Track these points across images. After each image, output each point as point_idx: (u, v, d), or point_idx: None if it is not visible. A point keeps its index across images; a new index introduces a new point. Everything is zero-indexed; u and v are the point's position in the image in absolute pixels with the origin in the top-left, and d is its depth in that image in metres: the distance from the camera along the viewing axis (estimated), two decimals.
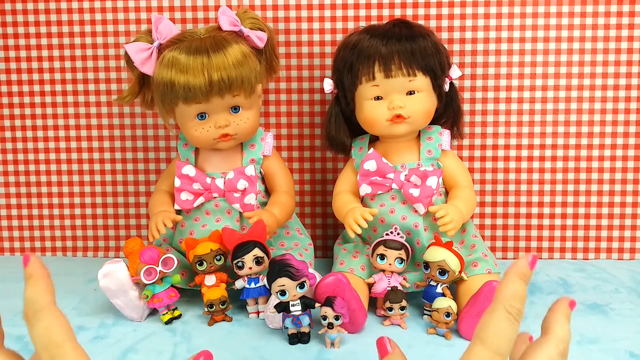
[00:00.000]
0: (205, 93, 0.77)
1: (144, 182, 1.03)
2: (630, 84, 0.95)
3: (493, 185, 0.99)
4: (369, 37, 0.79)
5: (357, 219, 0.77)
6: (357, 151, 0.87)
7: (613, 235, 0.99)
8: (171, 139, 1.01)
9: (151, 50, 0.81)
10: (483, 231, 1.01)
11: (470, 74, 0.96)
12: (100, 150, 1.02)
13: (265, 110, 0.99)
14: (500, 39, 0.95)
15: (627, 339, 0.70)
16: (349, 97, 0.83)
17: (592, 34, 0.94)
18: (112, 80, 1.00)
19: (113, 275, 0.75)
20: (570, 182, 0.98)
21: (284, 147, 1.01)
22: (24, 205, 1.05)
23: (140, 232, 1.04)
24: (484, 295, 0.68)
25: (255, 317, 0.78)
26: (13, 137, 1.03)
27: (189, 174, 0.83)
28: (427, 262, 0.74)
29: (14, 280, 0.93)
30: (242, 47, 0.79)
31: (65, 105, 1.01)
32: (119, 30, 0.98)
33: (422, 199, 0.79)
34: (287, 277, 0.68)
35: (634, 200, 0.98)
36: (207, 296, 0.76)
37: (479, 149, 0.98)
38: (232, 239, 0.77)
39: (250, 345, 0.70)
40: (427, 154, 0.83)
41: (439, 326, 0.71)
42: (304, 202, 1.02)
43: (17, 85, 1.01)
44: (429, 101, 0.81)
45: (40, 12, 0.99)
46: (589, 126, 0.97)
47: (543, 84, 0.96)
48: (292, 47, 0.97)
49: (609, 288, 0.87)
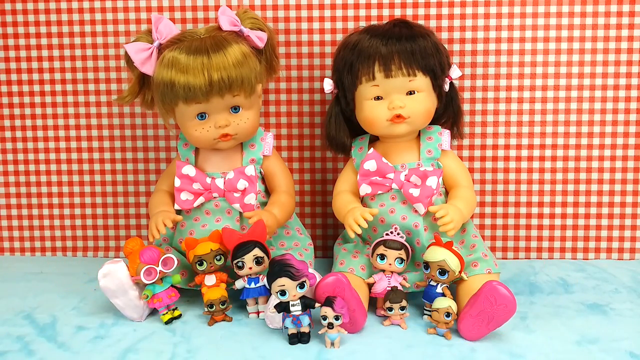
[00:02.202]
0: (205, 93, 0.77)
1: (144, 182, 1.03)
2: (630, 84, 0.95)
3: (493, 185, 0.99)
4: (369, 37, 0.79)
5: (357, 219, 0.77)
6: (357, 151, 0.87)
7: (613, 235, 0.99)
8: (171, 139, 1.01)
9: (151, 50, 0.81)
10: (483, 231, 1.01)
11: (470, 74, 0.96)
12: (100, 150, 1.02)
13: (265, 110, 0.99)
14: (500, 39, 0.95)
15: (627, 339, 0.70)
16: (349, 97, 0.83)
17: (592, 34, 0.94)
18: (112, 80, 1.00)
19: (113, 275, 0.75)
20: (570, 182, 0.98)
21: (284, 147, 1.01)
22: (24, 205, 1.05)
23: (140, 232, 1.04)
24: (484, 295, 0.68)
25: (255, 317, 0.78)
26: (13, 137, 1.03)
27: (189, 174, 0.83)
28: (427, 262, 0.74)
29: (14, 280, 0.93)
30: (242, 47, 0.79)
31: (65, 105, 1.01)
32: (119, 30, 0.98)
33: (422, 199, 0.79)
34: (287, 277, 0.68)
35: (634, 200, 0.98)
36: (207, 296, 0.76)
37: (479, 149, 0.98)
38: (232, 239, 0.77)
39: (250, 345, 0.70)
40: (427, 154, 0.83)
41: (439, 326, 0.71)
42: (304, 202, 1.02)
43: (17, 85, 1.01)
44: (429, 101, 0.81)
45: (40, 12, 0.99)
46: (589, 126, 0.97)
47: (543, 84, 0.96)
48: (292, 47, 0.97)
49: (609, 288, 0.87)
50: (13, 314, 0.81)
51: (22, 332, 0.75)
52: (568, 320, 0.76)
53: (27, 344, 0.72)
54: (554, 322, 0.75)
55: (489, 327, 0.69)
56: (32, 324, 0.77)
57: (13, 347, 0.71)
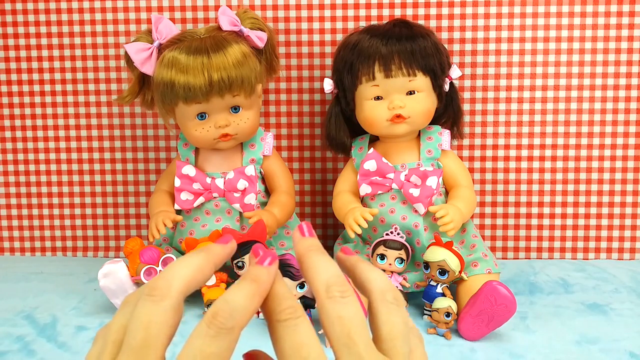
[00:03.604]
0: (205, 93, 0.77)
1: (144, 182, 1.03)
2: (630, 84, 0.95)
3: (493, 185, 0.99)
4: (369, 37, 0.79)
5: (357, 219, 0.77)
6: (357, 151, 0.87)
7: (613, 235, 0.99)
8: (171, 139, 1.01)
9: (151, 50, 0.81)
10: (483, 231, 1.01)
11: (470, 74, 0.96)
12: (100, 150, 1.02)
13: (265, 110, 0.99)
14: (500, 39, 0.95)
15: (627, 339, 0.70)
16: (349, 97, 0.83)
17: (592, 34, 0.94)
18: (112, 80, 1.00)
19: (113, 275, 0.75)
20: (570, 182, 0.98)
21: (284, 147, 1.01)
22: (24, 205, 1.05)
23: (140, 232, 1.04)
24: (484, 295, 0.68)
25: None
26: (13, 137, 1.03)
27: (189, 174, 0.83)
28: (427, 262, 0.74)
29: (14, 280, 0.93)
30: (242, 47, 0.79)
31: (65, 105, 1.01)
32: (119, 30, 0.98)
33: (422, 199, 0.79)
34: (287, 277, 0.68)
35: (634, 200, 0.98)
36: (207, 296, 0.76)
37: (479, 149, 0.98)
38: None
39: (251, 345, 0.70)
40: (427, 153, 0.83)
41: (439, 326, 0.71)
42: (304, 202, 1.02)
43: (17, 85, 1.01)
44: (429, 101, 0.81)
45: (40, 12, 0.99)
46: (589, 126, 0.97)
47: (543, 84, 0.96)
48: (292, 47, 0.97)
49: (609, 288, 0.87)
50: (13, 314, 0.81)
51: (22, 332, 0.75)
52: (568, 320, 0.76)
53: (27, 344, 0.72)
54: (554, 322, 0.75)
55: (489, 327, 0.69)
56: (32, 324, 0.77)
57: (13, 347, 0.71)
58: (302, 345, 0.27)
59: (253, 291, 0.28)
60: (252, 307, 0.27)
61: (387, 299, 0.30)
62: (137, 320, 0.27)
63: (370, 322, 0.30)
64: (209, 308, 0.27)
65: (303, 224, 0.31)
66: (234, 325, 0.26)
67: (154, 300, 0.27)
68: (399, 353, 0.28)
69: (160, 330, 0.27)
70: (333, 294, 0.28)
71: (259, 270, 0.28)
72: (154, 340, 0.26)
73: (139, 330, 0.26)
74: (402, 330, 0.29)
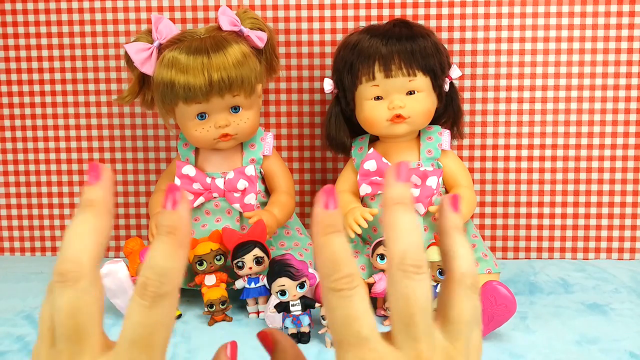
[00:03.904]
0: (205, 93, 0.77)
1: (144, 182, 1.03)
2: (630, 84, 0.95)
3: (493, 185, 0.99)
4: (369, 37, 0.80)
5: (357, 219, 0.77)
6: (357, 151, 0.87)
7: (613, 235, 0.99)
8: (171, 139, 1.01)
9: (151, 50, 0.81)
10: (483, 231, 1.01)
11: (470, 74, 0.96)
12: (100, 150, 1.02)
13: (265, 110, 0.99)
14: (500, 39, 0.95)
15: (627, 339, 0.70)
16: (349, 97, 0.83)
17: (592, 34, 0.94)
18: (112, 80, 1.00)
19: (113, 275, 0.75)
20: (570, 182, 0.98)
21: (284, 147, 1.01)
22: (24, 205, 1.05)
23: (140, 232, 1.04)
24: (484, 295, 0.68)
25: (255, 317, 0.78)
26: (13, 137, 1.03)
27: (189, 174, 0.83)
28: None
29: (14, 280, 0.93)
30: (242, 47, 0.79)
31: (65, 105, 1.01)
32: (119, 30, 0.98)
33: (422, 199, 0.79)
34: (287, 277, 0.68)
35: (634, 200, 0.98)
36: (207, 296, 0.76)
37: (479, 149, 0.98)
38: (232, 239, 0.77)
39: (250, 345, 0.70)
40: (427, 154, 0.83)
41: None
42: (304, 202, 1.02)
43: (17, 85, 1.01)
44: (429, 101, 0.81)
45: (40, 12, 0.99)
46: (589, 126, 0.97)
47: (543, 84, 0.96)
48: (292, 47, 0.97)
49: (609, 288, 0.87)
50: (13, 314, 0.81)
51: (22, 332, 0.75)
52: (568, 320, 0.76)
53: (27, 344, 0.72)
54: (554, 322, 0.75)
55: (489, 327, 0.69)
56: (32, 324, 0.77)
57: (13, 347, 0.71)
58: (355, 318, 0.25)
59: (173, 246, 0.25)
60: (179, 263, 0.25)
61: (465, 283, 0.28)
62: (61, 312, 0.25)
63: (440, 297, 0.29)
64: (137, 280, 0.25)
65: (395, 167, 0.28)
66: (167, 290, 0.25)
67: (68, 285, 0.25)
68: (461, 338, 0.27)
69: (88, 314, 0.25)
70: (407, 268, 0.26)
71: (170, 217, 0.25)
72: (87, 325, 0.25)
73: (67, 320, 0.25)
74: (470, 316, 0.28)
